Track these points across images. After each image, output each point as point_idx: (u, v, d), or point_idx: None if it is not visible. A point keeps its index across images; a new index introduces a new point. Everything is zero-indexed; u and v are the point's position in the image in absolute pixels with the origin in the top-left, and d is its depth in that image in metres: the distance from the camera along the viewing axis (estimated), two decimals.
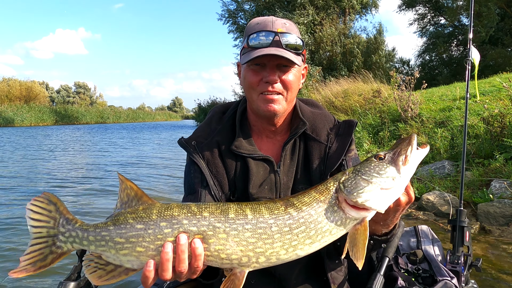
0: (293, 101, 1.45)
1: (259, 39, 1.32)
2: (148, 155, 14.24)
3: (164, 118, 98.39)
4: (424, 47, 26.90)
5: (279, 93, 1.36)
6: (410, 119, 9.04)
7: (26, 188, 7.78)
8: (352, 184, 1.06)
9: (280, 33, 1.32)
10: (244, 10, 27.88)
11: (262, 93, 1.36)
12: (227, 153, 1.44)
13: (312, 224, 1.04)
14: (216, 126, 1.50)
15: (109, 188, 7.87)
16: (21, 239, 4.66)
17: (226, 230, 1.02)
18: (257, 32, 1.33)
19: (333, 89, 14.35)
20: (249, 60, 1.31)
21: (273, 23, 1.35)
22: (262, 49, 1.30)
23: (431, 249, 1.76)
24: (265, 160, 1.44)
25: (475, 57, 2.76)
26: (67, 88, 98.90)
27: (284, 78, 1.35)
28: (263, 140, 1.50)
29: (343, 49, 23.92)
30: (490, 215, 4.74)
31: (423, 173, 6.39)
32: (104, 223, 1.06)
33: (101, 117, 63.57)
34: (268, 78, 1.33)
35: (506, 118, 6.19)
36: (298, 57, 1.36)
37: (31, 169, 10.68)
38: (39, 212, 1.08)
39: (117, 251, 1.03)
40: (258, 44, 1.32)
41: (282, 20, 1.38)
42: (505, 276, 3.44)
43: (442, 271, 1.62)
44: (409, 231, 1.86)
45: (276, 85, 1.35)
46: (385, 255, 1.52)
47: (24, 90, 56.43)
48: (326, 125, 1.49)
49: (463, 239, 1.95)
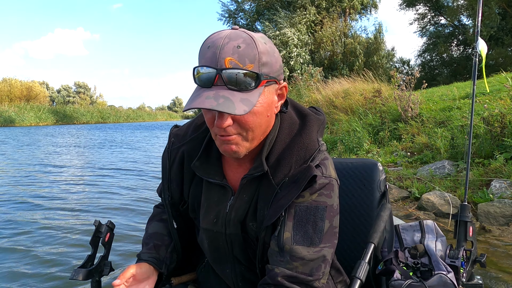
0: (260, 136, 1.18)
1: (203, 75, 1.07)
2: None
3: (164, 118, 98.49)
4: (424, 47, 26.95)
5: (238, 133, 1.13)
6: (410, 119, 9.05)
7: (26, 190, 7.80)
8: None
9: (224, 71, 1.04)
10: (244, 10, 27.92)
11: (218, 134, 1.14)
12: (188, 166, 1.32)
13: None
14: (191, 133, 1.35)
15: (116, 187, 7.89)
16: (21, 240, 4.69)
17: None
18: (202, 66, 1.08)
19: (333, 89, 14.37)
20: (188, 109, 1.08)
21: (220, 51, 1.04)
22: (204, 91, 1.06)
23: (433, 243, 1.72)
24: (223, 186, 1.26)
25: (482, 49, 2.54)
26: (67, 88, 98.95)
27: (239, 118, 1.09)
28: (233, 164, 1.29)
29: (344, 49, 23.94)
30: (490, 215, 4.74)
31: (423, 173, 6.40)
32: None
33: (101, 117, 63.61)
34: (216, 123, 1.10)
35: (507, 118, 6.20)
36: (250, 94, 1.07)
37: (33, 168, 10.70)
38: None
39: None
40: (201, 82, 1.08)
41: (237, 40, 1.06)
42: (505, 276, 3.44)
43: (440, 265, 1.60)
44: (414, 226, 1.82)
45: (229, 128, 1.10)
46: (369, 241, 1.46)
47: (25, 90, 56.51)
48: (293, 162, 1.20)
49: (466, 234, 1.91)
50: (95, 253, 1.45)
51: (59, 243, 4.55)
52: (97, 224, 1.47)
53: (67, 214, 5.85)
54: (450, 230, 4.57)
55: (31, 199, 6.81)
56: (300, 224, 1.14)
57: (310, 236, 1.14)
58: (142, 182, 8.53)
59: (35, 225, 5.26)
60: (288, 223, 1.15)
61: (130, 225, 5.24)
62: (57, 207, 6.32)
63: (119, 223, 5.20)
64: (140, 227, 5.14)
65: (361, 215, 1.74)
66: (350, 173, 1.76)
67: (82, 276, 1.36)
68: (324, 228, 1.15)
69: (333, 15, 25.27)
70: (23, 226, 5.22)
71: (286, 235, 1.14)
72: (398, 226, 1.84)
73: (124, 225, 5.19)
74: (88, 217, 5.67)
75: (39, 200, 6.76)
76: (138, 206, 6.33)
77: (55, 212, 5.99)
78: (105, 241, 1.46)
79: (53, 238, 4.73)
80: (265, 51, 1.09)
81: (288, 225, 1.14)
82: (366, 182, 1.74)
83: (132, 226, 5.17)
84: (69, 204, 6.51)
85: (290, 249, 1.13)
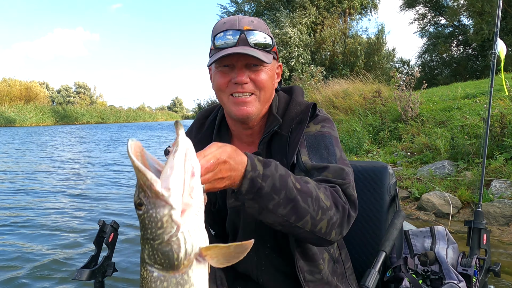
0: (268, 101, 1.34)
1: (225, 38, 1.24)
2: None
3: (164, 118, 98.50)
4: (424, 47, 26.96)
5: (252, 93, 1.27)
6: (410, 119, 9.05)
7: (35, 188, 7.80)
8: (161, 258, 0.81)
9: (246, 31, 1.24)
10: (244, 11, 27.93)
11: (232, 95, 1.27)
12: None
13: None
14: (196, 135, 1.43)
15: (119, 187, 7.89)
16: (23, 238, 4.68)
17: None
18: (224, 31, 1.25)
19: (333, 89, 14.37)
20: (215, 60, 1.23)
21: (239, 21, 1.26)
22: (229, 48, 1.22)
23: (444, 250, 1.67)
24: None
25: (501, 49, 2.49)
26: (67, 88, 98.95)
27: (255, 77, 1.25)
28: (243, 146, 1.40)
29: (344, 49, 23.95)
30: (490, 215, 4.74)
31: (423, 173, 6.40)
32: None
33: (101, 117, 63.63)
34: (237, 79, 1.24)
35: (506, 118, 6.20)
36: (268, 55, 1.27)
37: (34, 167, 10.70)
38: None
39: None
40: (224, 44, 1.24)
41: (249, 18, 1.29)
42: (506, 276, 3.44)
43: (451, 274, 1.55)
44: (424, 232, 1.76)
45: (247, 85, 1.25)
46: (381, 250, 1.44)
47: (25, 90, 56.49)
48: (294, 115, 1.36)
49: (479, 242, 1.82)
50: (99, 253, 1.45)
51: (61, 243, 4.54)
52: (101, 224, 1.46)
53: (71, 213, 5.85)
54: (451, 231, 4.57)
55: (35, 198, 6.81)
56: (313, 148, 1.27)
57: (326, 157, 1.25)
58: None
59: (37, 223, 5.27)
60: (302, 150, 1.27)
61: (135, 226, 5.24)
62: (61, 206, 6.32)
63: (123, 223, 5.19)
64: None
65: (370, 219, 1.69)
66: (359, 176, 1.71)
67: (85, 277, 1.35)
68: (336, 153, 1.27)
69: (333, 15, 25.28)
70: (25, 224, 5.22)
71: (303, 158, 1.25)
72: (408, 231, 1.78)
73: (129, 227, 5.18)
74: (93, 217, 5.68)
75: (43, 199, 6.76)
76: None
77: (59, 210, 5.99)
78: (109, 241, 1.46)
79: (56, 237, 4.72)
80: (269, 30, 1.33)
81: (303, 152, 1.26)
82: (375, 186, 1.70)
83: (137, 227, 5.17)
84: (73, 203, 6.52)
85: (312, 166, 1.23)
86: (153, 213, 0.80)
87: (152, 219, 0.80)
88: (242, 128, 1.38)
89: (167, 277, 0.83)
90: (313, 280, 1.30)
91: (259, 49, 1.24)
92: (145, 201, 0.80)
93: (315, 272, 1.31)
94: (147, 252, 0.84)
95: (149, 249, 0.83)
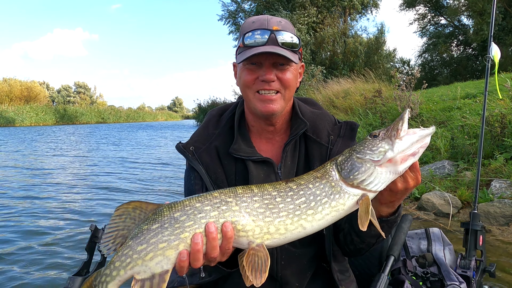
0: (291, 99, 1.42)
1: (255, 37, 1.29)
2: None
3: (164, 118, 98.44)
4: (424, 47, 26.92)
5: (277, 91, 1.33)
6: (411, 119, 9.04)
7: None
8: (348, 165, 1.10)
9: (275, 31, 1.29)
10: (244, 10, 27.90)
11: (258, 92, 1.33)
12: (226, 157, 1.42)
13: (311, 196, 1.10)
14: (213, 131, 1.47)
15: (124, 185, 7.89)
16: (14, 246, 4.67)
17: (237, 202, 1.08)
18: (253, 31, 1.30)
19: (333, 89, 14.36)
20: (246, 58, 1.28)
21: (268, 21, 1.32)
22: (258, 47, 1.27)
23: (441, 252, 1.71)
24: (265, 162, 1.40)
25: (495, 53, 2.58)
26: (67, 88, 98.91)
27: (282, 76, 1.32)
28: (262, 141, 1.47)
29: (344, 49, 23.91)
30: (490, 215, 4.74)
31: (423, 173, 6.40)
32: (123, 244, 1.07)
33: (102, 117, 63.60)
34: (265, 76, 1.30)
35: (507, 118, 6.20)
36: (294, 55, 1.33)
37: (35, 167, 10.70)
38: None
39: (143, 260, 1.03)
40: (253, 43, 1.29)
41: (277, 18, 1.35)
42: (506, 276, 3.44)
43: (451, 276, 1.57)
44: (420, 233, 1.80)
45: (273, 83, 1.31)
46: (390, 254, 1.48)
47: (25, 90, 56.48)
48: (327, 126, 1.46)
49: (476, 243, 1.87)
50: (91, 259, 1.41)
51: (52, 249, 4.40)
52: (93, 228, 1.43)
53: (64, 217, 5.77)
54: (450, 231, 4.57)
55: (30, 200, 6.81)
56: None
57: None
58: (149, 184, 8.54)
59: (28, 227, 5.18)
60: None
61: None
62: (54, 209, 6.31)
63: None
64: None
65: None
66: None
67: (77, 285, 1.31)
68: None
69: (333, 15, 25.25)
70: (15, 230, 5.13)
71: None
72: None
73: None
74: (84, 221, 5.63)
75: (37, 201, 6.76)
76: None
77: (52, 215, 5.95)
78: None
79: (48, 242, 4.60)
80: (295, 31, 1.38)
81: None
82: None
83: None
84: (66, 207, 6.51)
85: None
86: (378, 141, 1.08)
87: (373, 143, 1.09)
88: (264, 124, 1.43)
89: (338, 183, 1.10)
90: (344, 279, 1.42)
91: (287, 48, 1.29)
92: (381, 135, 1.09)
93: (344, 271, 1.45)
94: (343, 157, 1.12)
95: (346, 156, 1.11)
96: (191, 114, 72.14)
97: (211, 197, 1.08)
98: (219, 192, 1.10)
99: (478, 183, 2.27)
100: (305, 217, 1.09)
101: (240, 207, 1.08)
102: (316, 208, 1.09)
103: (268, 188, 1.12)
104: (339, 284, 1.38)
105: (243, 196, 1.09)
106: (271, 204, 1.10)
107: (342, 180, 1.09)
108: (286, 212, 1.09)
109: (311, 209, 1.09)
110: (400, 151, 1.06)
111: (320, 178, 1.11)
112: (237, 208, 1.08)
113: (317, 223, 1.10)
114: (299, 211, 1.09)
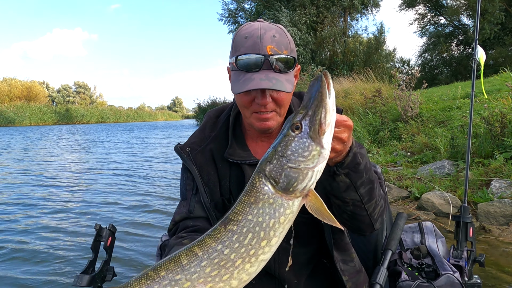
0: (286, 110, 1.41)
1: (248, 61, 1.26)
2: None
3: (164, 118, 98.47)
4: (424, 47, 26.92)
5: (273, 110, 1.33)
6: (410, 119, 9.05)
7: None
8: (282, 178, 0.99)
9: (269, 56, 1.25)
10: (244, 9, 27.91)
11: (255, 112, 1.33)
12: (220, 160, 1.42)
13: (256, 227, 1.01)
14: (209, 133, 1.48)
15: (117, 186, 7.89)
16: (21, 244, 4.69)
17: (187, 277, 1.00)
18: (246, 54, 1.27)
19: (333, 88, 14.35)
20: (241, 92, 1.26)
21: (261, 40, 1.26)
22: (253, 74, 1.25)
23: (435, 244, 1.78)
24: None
25: (481, 56, 2.66)
26: (67, 87, 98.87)
27: (277, 96, 1.30)
28: (258, 144, 1.47)
29: (344, 48, 23.91)
30: (490, 214, 4.74)
31: (423, 173, 6.40)
32: None
33: (101, 117, 63.64)
34: (260, 102, 1.29)
35: (507, 118, 6.19)
36: (290, 77, 1.31)
37: (35, 167, 10.70)
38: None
39: None
40: (247, 67, 1.27)
41: (271, 31, 1.29)
42: (505, 276, 3.44)
43: (445, 266, 1.64)
44: (413, 227, 1.88)
45: (269, 105, 1.31)
46: (388, 248, 1.54)
47: (25, 90, 56.54)
48: None
49: (466, 235, 1.99)
50: (96, 258, 1.42)
51: (59, 247, 4.48)
52: (98, 228, 1.43)
53: (69, 217, 5.83)
54: (450, 231, 4.57)
55: (32, 200, 6.81)
56: None
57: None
58: (151, 183, 8.55)
59: (35, 227, 5.24)
60: None
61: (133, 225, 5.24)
62: (59, 209, 6.32)
63: (120, 226, 5.19)
64: (142, 231, 5.13)
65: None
66: None
67: (85, 282, 1.33)
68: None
69: (334, 14, 25.24)
70: (22, 228, 5.20)
71: None
72: None
73: (126, 229, 5.18)
74: (90, 220, 5.67)
75: (41, 201, 6.76)
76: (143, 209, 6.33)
77: (57, 214, 5.98)
78: (107, 245, 1.43)
79: (54, 241, 4.67)
80: (291, 39, 1.33)
81: None
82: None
83: (135, 225, 5.17)
84: (71, 206, 6.52)
85: None
86: (306, 143, 0.96)
87: (302, 146, 0.96)
88: (260, 133, 1.44)
89: (275, 196, 0.99)
90: (347, 269, 1.40)
91: (282, 72, 1.27)
92: (305, 129, 0.97)
93: (348, 260, 1.42)
94: (272, 166, 0.99)
95: (276, 165, 0.99)
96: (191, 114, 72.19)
97: (159, 278, 0.99)
98: (165, 270, 1.00)
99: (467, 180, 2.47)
100: (261, 251, 1.02)
101: (192, 281, 0.99)
102: (267, 235, 1.01)
103: (211, 244, 1.02)
104: (342, 274, 1.37)
105: (190, 267, 1.00)
106: (222, 260, 1.00)
107: (280, 194, 1.00)
108: (240, 259, 1.01)
109: (263, 239, 1.01)
110: (328, 142, 1.00)
111: (255, 203, 1.01)
112: (189, 283, 0.99)
113: (276, 244, 1.04)
114: (252, 249, 1.01)
